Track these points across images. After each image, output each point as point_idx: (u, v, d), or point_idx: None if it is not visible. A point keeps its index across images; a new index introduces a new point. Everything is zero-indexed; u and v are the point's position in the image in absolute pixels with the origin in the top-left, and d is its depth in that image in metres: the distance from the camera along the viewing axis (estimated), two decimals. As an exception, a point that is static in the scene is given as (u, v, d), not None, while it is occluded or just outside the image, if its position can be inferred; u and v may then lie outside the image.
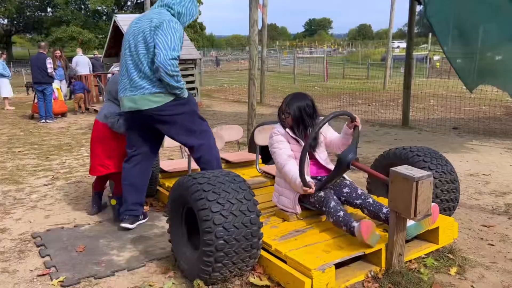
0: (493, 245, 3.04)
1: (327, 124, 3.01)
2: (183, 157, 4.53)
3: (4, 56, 13.52)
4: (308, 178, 2.80)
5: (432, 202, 2.89)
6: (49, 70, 9.41)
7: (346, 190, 2.93)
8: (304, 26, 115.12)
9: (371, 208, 2.77)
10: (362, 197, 2.85)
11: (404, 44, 35.91)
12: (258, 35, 6.06)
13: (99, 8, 38.91)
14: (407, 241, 2.62)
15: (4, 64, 12.07)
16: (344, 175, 3.00)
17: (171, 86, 3.07)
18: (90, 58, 13.93)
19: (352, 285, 2.43)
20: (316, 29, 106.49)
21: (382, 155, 3.43)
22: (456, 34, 5.77)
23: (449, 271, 2.61)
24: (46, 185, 4.81)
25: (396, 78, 17.64)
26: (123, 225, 3.37)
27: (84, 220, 3.69)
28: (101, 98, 11.71)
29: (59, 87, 10.90)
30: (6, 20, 40.26)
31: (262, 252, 2.54)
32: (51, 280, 2.64)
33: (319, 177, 3.03)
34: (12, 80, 13.20)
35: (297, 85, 18.22)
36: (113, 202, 3.63)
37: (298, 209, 2.94)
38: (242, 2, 7.35)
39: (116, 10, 39.11)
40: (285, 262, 2.45)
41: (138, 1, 40.42)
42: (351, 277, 2.45)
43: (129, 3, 41.89)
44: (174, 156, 5.99)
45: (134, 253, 3.00)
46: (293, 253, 2.44)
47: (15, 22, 41.50)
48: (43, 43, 9.90)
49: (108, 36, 12.13)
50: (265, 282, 2.46)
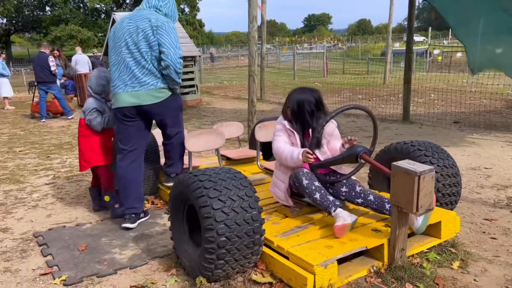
0: (495, 238, 3.03)
1: (335, 129, 3.01)
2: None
3: (4, 55, 13.52)
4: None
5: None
6: (52, 68, 9.48)
7: (344, 189, 2.92)
8: (303, 21, 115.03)
9: (374, 206, 2.78)
10: (362, 195, 2.83)
11: (419, 38, 35.67)
12: (257, 31, 6.03)
13: (97, 6, 38.82)
14: (409, 236, 2.62)
15: (3, 64, 12.07)
16: (344, 170, 2.99)
17: (174, 82, 3.33)
18: (89, 57, 13.91)
19: (354, 281, 2.43)
20: (315, 24, 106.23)
21: (383, 150, 3.42)
22: (459, 21, 5.76)
23: (452, 265, 2.61)
24: (47, 184, 4.81)
25: (396, 73, 17.62)
26: (125, 225, 3.37)
27: (86, 218, 3.69)
28: None
29: None
30: (5, 20, 40.21)
31: (264, 249, 2.54)
32: (54, 279, 2.64)
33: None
34: (11, 79, 13.20)
35: (297, 81, 18.19)
36: (107, 198, 3.65)
37: (290, 202, 2.98)
38: (241, -1, 7.32)
39: (114, 8, 39.02)
40: (287, 258, 2.44)
41: (137, -1, 40.35)
42: (354, 273, 2.45)
43: (127, 1, 41.75)
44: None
45: (136, 251, 3.00)
46: (295, 249, 2.43)
47: (13, 21, 41.42)
48: (44, 43, 10.03)
49: (107, 34, 12.12)
50: (268, 278, 2.46)
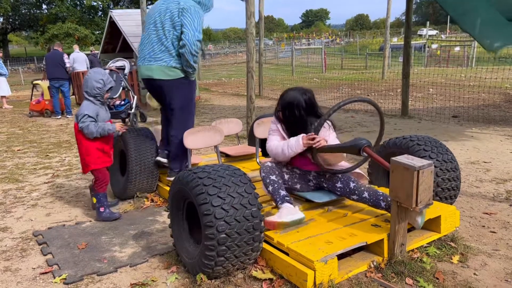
0: (495, 232, 3.04)
1: (331, 131, 3.01)
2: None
3: (1, 54, 13.49)
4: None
5: (433, 190, 2.91)
6: (67, 65, 9.60)
7: (339, 185, 2.92)
8: (301, 17, 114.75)
9: (369, 203, 2.79)
10: (357, 192, 2.83)
11: (432, 32, 35.30)
12: (255, 27, 6.01)
13: (94, 3, 38.70)
14: (408, 231, 2.62)
15: (1, 63, 12.04)
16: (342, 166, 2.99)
17: (188, 64, 3.53)
18: (87, 55, 13.88)
19: (354, 276, 2.43)
20: (313, 20, 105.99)
21: (382, 145, 3.42)
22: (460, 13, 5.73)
23: (452, 259, 2.61)
24: (47, 183, 4.80)
25: (394, 68, 17.62)
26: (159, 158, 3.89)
27: (86, 217, 3.68)
28: None
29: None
30: (1, 18, 40.06)
31: (264, 245, 2.54)
32: (54, 277, 2.64)
33: (314, 172, 3.04)
34: (9, 78, 13.16)
35: (296, 77, 18.18)
36: (94, 200, 3.60)
37: None
38: (238, -6, 7.28)
39: (111, 6, 38.86)
40: (287, 254, 2.44)
41: (134, -4, 40.16)
42: (354, 268, 2.46)
43: (124, -2, 41.61)
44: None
45: (136, 249, 3.00)
46: (295, 245, 2.43)
47: (10, 20, 41.28)
48: (56, 42, 10.27)
49: (105, 32, 12.06)
50: (268, 275, 2.46)
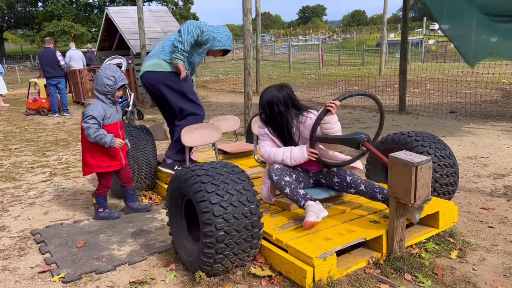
0: (493, 227, 3.05)
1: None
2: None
3: (-3, 52, 13.40)
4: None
5: (432, 186, 2.91)
6: (61, 63, 9.49)
7: (336, 179, 2.93)
8: (298, 13, 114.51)
9: (366, 196, 2.80)
10: (353, 185, 2.84)
11: (434, 26, 35.18)
12: (252, 24, 5.99)
13: (90, 1, 38.51)
14: (407, 226, 2.62)
15: (-3, 61, 12.00)
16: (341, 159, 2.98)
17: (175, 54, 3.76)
18: (86, 52, 13.82)
19: (353, 272, 2.43)
20: (310, 16, 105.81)
21: (380, 140, 3.41)
22: (452, 14, 5.71)
23: (450, 254, 2.61)
24: (44, 181, 4.78)
25: (391, 63, 17.63)
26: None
27: (83, 215, 3.67)
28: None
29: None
30: (-3, 16, 39.86)
31: (263, 242, 2.54)
32: (52, 276, 2.63)
33: (313, 171, 3.04)
34: (5, 76, 13.10)
35: (293, 73, 18.16)
36: (94, 200, 3.59)
37: (273, 200, 3.01)
38: (235, -10, 7.26)
39: (107, 3, 38.69)
40: (286, 251, 2.44)
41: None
42: (353, 264, 2.46)
43: (120, -5, 41.43)
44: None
45: (134, 247, 2.99)
46: (294, 242, 2.43)
47: (6, 18, 41.06)
48: (47, 38, 9.94)
49: (101, 29, 11.99)
50: (267, 271, 2.46)
